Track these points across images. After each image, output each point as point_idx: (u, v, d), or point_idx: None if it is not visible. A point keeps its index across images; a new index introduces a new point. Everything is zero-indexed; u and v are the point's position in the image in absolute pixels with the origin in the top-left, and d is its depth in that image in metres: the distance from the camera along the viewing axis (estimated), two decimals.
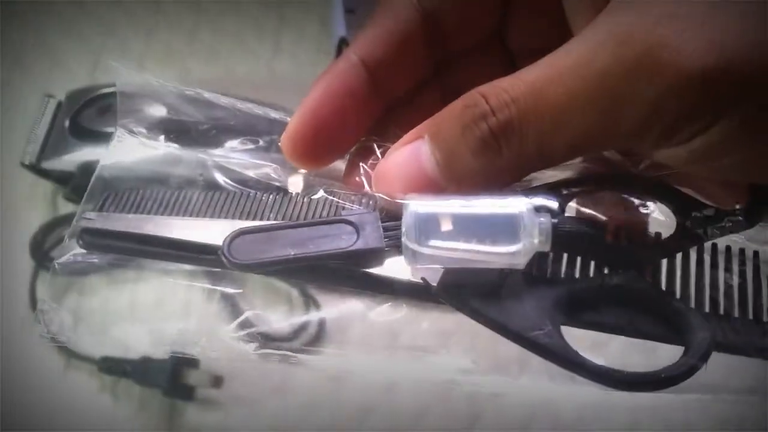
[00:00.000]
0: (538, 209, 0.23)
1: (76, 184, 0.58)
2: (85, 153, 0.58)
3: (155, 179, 0.28)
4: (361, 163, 0.27)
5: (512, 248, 0.22)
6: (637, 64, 0.20)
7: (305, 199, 0.27)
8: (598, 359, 0.23)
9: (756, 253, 0.25)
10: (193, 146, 0.29)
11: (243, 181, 0.28)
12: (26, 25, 0.70)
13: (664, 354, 0.23)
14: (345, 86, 0.26)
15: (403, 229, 0.23)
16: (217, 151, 0.29)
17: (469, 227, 0.23)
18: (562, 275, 0.24)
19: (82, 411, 0.54)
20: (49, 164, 0.59)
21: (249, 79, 0.69)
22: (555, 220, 0.23)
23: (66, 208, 0.61)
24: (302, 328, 0.55)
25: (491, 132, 0.22)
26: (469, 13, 0.27)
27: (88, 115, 0.60)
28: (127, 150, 0.29)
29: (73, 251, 0.27)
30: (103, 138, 0.59)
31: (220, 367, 0.54)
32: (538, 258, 0.23)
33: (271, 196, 0.27)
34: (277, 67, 0.69)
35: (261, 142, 0.30)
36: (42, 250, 0.58)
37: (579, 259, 0.24)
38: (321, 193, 0.27)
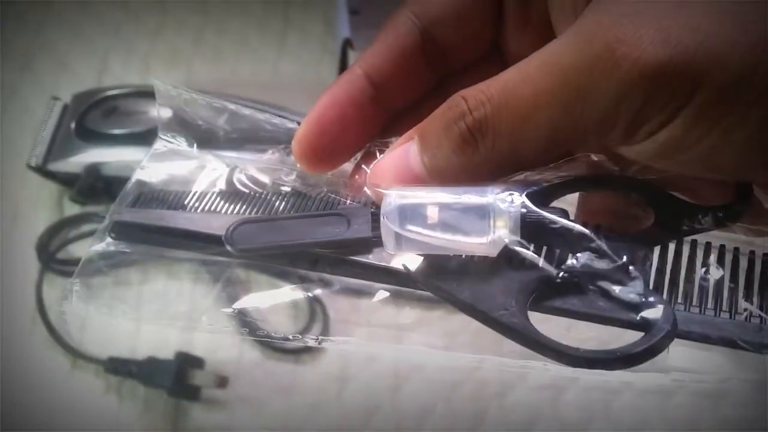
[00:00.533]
0: (510, 200, 0.24)
1: (82, 185, 0.59)
2: (90, 155, 0.59)
3: (185, 182, 0.31)
4: (363, 166, 0.29)
5: (483, 237, 0.24)
6: (597, 60, 0.21)
7: (309, 197, 0.29)
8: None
9: (736, 249, 0.26)
10: (221, 153, 0.32)
11: (261, 184, 0.31)
12: (32, 27, 0.70)
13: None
14: (349, 97, 0.28)
15: (382, 213, 0.25)
16: (241, 156, 0.32)
17: (444, 215, 0.24)
18: (531, 263, 0.25)
19: (88, 411, 0.54)
20: (55, 166, 0.59)
21: (254, 80, 0.69)
22: (524, 210, 0.24)
23: (72, 209, 0.61)
24: (306, 328, 0.55)
25: (468, 129, 0.24)
26: (464, 31, 0.29)
27: (94, 117, 0.60)
28: (163, 157, 0.32)
29: (105, 241, 0.30)
30: (109, 140, 0.59)
31: (225, 367, 0.54)
32: (511, 245, 0.24)
33: (279, 196, 0.30)
34: (281, 68, 0.70)
35: (279, 149, 0.32)
36: (48, 251, 0.59)
37: (554, 249, 0.25)
38: (325, 193, 0.29)
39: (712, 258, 0.25)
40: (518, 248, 0.24)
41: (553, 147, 0.24)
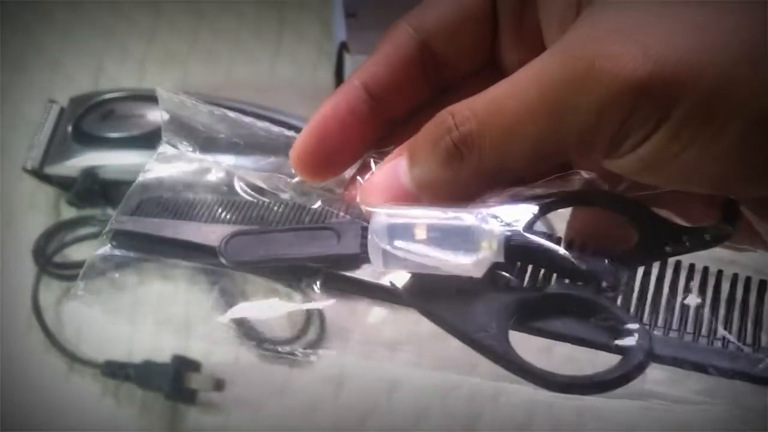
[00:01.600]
0: (494, 221, 0.25)
1: (78, 189, 0.59)
2: (87, 158, 0.59)
3: (188, 187, 0.32)
4: (358, 177, 0.29)
5: (467, 258, 0.24)
6: (580, 75, 0.22)
7: (305, 209, 0.30)
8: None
9: (720, 272, 0.25)
10: (222, 158, 0.33)
11: (259, 191, 0.31)
12: (27, 30, 0.70)
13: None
14: (347, 106, 0.29)
15: (370, 230, 0.25)
16: (241, 162, 0.32)
17: (430, 235, 0.24)
18: (515, 284, 0.25)
19: (85, 415, 0.55)
20: (51, 169, 0.59)
21: (250, 82, 0.69)
22: (508, 233, 0.24)
23: (68, 213, 0.61)
24: (303, 331, 0.55)
25: (454, 144, 0.24)
26: (460, 45, 0.29)
27: (91, 120, 0.60)
28: (166, 161, 0.32)
29: (106, 246, 0.30)
30: (106, 143, 0.59)
31: (221, 370, 0.55)
32: (496, 266, 0.25)
33: (275, 206, 0.30)
34: (277, 70, 0.70)
35: (277, 157, 0.32)
36: (44, 255, 0.59)
37: (539, 269, 0.26)
38: (318, 204, 0.30)
39: (695, 282, 0.25)
40: (505, 269, 0.25)
41: (538, 161, 0.24)
